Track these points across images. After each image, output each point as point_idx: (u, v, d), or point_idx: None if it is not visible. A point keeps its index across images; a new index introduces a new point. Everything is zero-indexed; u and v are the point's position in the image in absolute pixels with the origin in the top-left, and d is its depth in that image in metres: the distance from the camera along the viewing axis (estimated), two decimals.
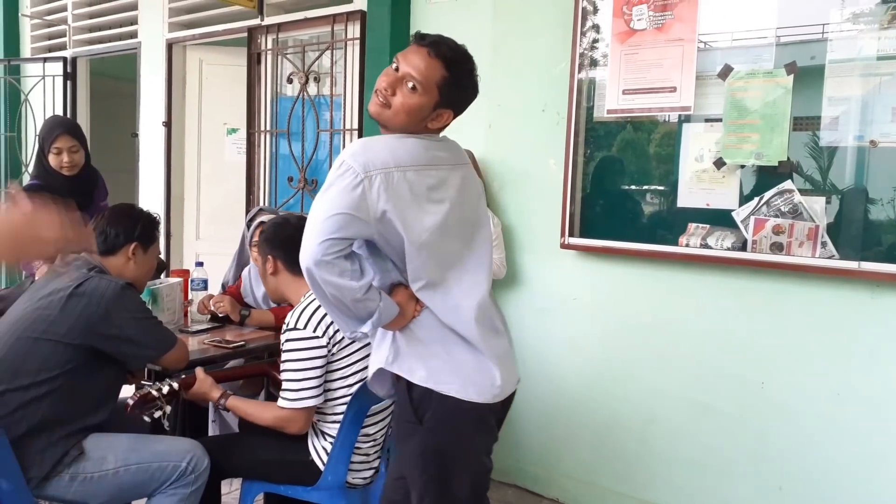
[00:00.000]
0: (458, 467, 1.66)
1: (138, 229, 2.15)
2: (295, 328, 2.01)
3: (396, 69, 1.60)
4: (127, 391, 2.13)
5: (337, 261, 1.51)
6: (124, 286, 2.01)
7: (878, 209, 2.24)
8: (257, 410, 2.11)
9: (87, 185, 3.19)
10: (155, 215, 2.27)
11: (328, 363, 2.04)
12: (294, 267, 2.14)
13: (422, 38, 1.62)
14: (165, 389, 2.02)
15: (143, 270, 2.19)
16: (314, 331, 2.00)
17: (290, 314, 2.05)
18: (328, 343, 2.02)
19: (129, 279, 2.09)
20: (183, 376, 2.11)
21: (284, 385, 2.03)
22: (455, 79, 1.61)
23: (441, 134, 1.72)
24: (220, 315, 2.73)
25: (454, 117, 1.67)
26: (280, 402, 2.03)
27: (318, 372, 2.01)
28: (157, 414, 2.01)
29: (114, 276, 2.06)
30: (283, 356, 2.04)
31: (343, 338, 2.03)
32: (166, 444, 2.05)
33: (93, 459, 1.93)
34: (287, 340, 2.02)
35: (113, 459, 1.93)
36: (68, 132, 3.08)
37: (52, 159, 3.05)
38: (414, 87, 1.57)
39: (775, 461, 2.49)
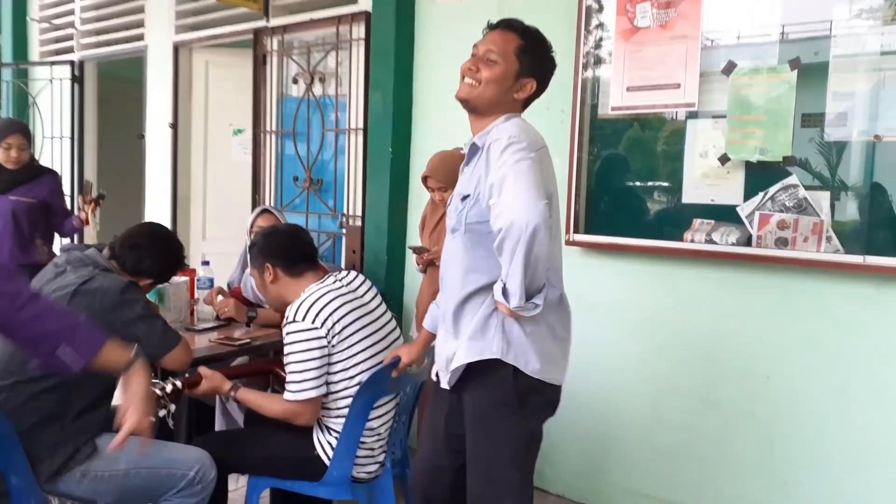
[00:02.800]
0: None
1: (162, 266, 2.18)
2: (294, 320, 2.04)
3: (475, 54, 1.73)
4: None
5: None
6: (129, 284, 2.03)
7: (883, 203, 2.24)
8: (267, 402, 2.14)
9: (25, 177, 3.63)
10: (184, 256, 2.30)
11: (329, 355, 2.06)
12: (293, 269, 2.18)
13: (491, 25, 1.78)
14: (169, 388, 2.03)
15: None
16: (312, 322, 2.03)
17: (289, 308, 2.08)
18: (327, 334, 2.04)
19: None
20: (186, 375, 2.12)
21: (288, 378, 2.05)
22: (530, 45, 1.74)
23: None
24: (223, 319, 2.74)
25: (538, 88, 1.77)
26: (285, 395, 2.05)
27: (317, 363, 2.04)
28: (162, 413, 2.02)
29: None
30: (285, 349, 2.07)
31: (343, 330, 2.06)
32: (177, 451, 2.07)
33: (105, 458, 1.94)
34: (287, 333, 2.06)
35: (125, 460, 1.94)
36: (21, 132, 3.62)
37: (0, 153, 3.52)
38: (495, 59, 1.69)
39: (781, 455, 2.49)
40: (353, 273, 2.28)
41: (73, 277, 1.99)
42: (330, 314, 2.05)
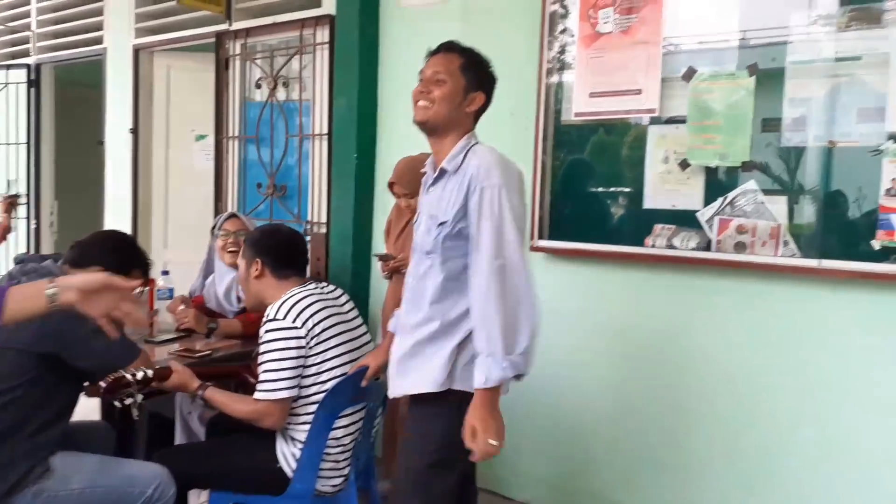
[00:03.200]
0: None
1: (112, 259, 2.06)
2: (275, 318, 2.05)
3: (422, 79, 1.86)
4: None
5: None
6: None
7: (838, 208, 2.28)
8: (235, 402, 2.12)
9: None
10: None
11: (304, 357, 2.05)
12: (281, 271, 2.20)
13: (430, 52, 1.90)
14: (140, 375, 2.01)
15: None
16: (293, 321, 2.03)
17: (270, 307, 2.08)
18: (306, 335, 2.04)
19: None
20: (157, 366, 2.09)
21: (261, 377, 2.04)
22: (471, 62, 1.86)
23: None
24: (183, 329, 2.69)
25: (486, 100, 1.89)
26: (256, 395, 2.04)
27: (293, 363, 2.03)
28: (129, 401, 2.00)
29: None
30: (262, 347, 2.06)
31: (321, 333, 2.07)
32: (135, 468, 2.03)
33: (59, 478, 1.89)
34: (266, 332, 2.05)
35: (79, 479, 1.90)
36: None
37: None
38: (443, 79, 1.82)
39: (745, 460, 2.52)
40: (333, 286, 2.30)
41: None
42: (311, 316, 2.06)
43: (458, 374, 1.75)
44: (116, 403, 1.99)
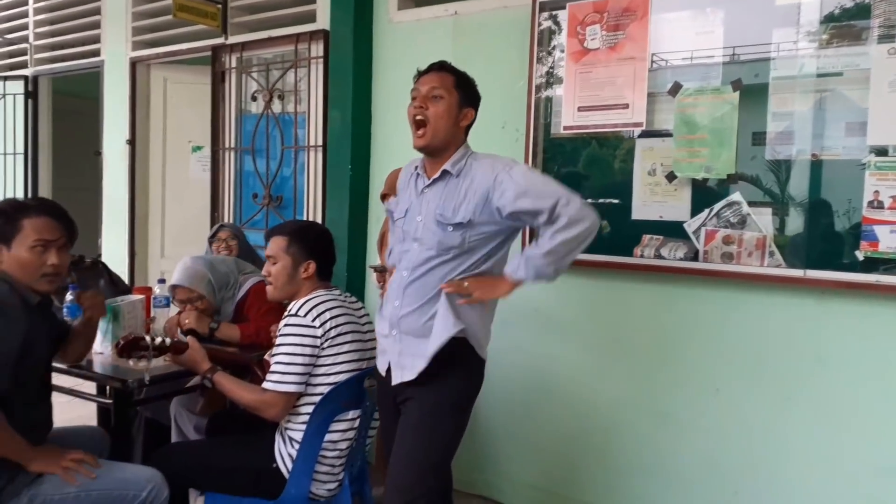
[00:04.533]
0: None
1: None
2: (296, 314, 2.12)
3: (415, 98, 1.96)
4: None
5: None
6: None
7: (822, 219, 2.33)
8: (242, 388, 2.17)
9: None
10: (24, 203, 2.02)
11: (317, 356, 2.11)
12: (325, 273, 2.28)
13: (420, 72, 2.00)
14: (158, 341, 2.09)
15: (14, 270, 1.94)
16: (313, 320, 2.10)
17: (293, 303, 2.16)
18: (322, 335, 2.10)
19: (12, 277, 1.95)
20: (177, 339, 2.17)
21: (273, 368, 2.09)
22: (462, 79, 2.00)
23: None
24: (185, 331, 2.72)
25: (475, 115, 2.02)
26: (265, 384, 2.09)
27: (306, 360, 2.09)
28: (142, 364, 2.09)
29: None
30: (278, 339, 2.12)
31: (337, 336, 2.13)
32: (129, 471, 2.05)
33: (52, 482, 1.91)
34: (285, 325, 2.12)
35: (73, 484, 1.91)
36: None
37: None
38: (439, 95, 1.93)
39: (731, 467, 2.56)
40: (356, 298, 2.38)
41: None
42: (330, 318, 2.13)
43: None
44: (130, 361, 2.06)
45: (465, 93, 1.98)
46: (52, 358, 2.17)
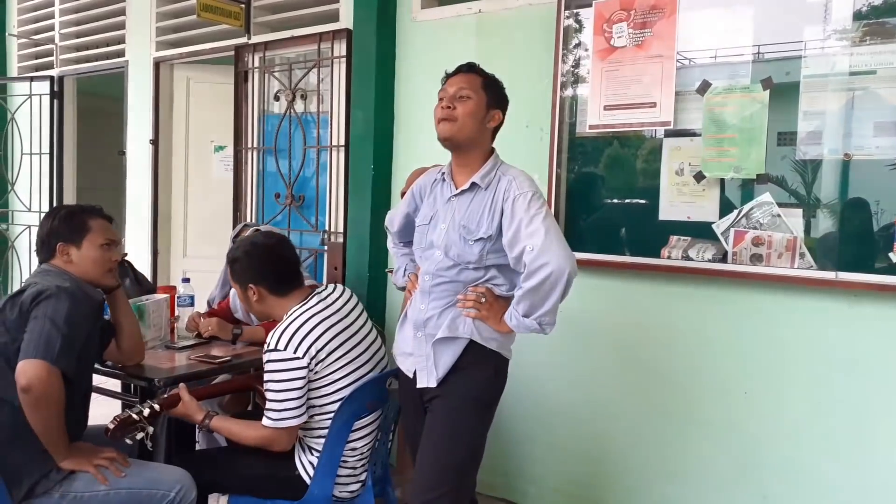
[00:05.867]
0: None
1: (57, 226, 2.11)
2: (275, 349, 2.02)
3: (442, 98, 1.94)
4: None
5: None
6: (64, 289, 1.94)
7: (854, 220, 2.29)
8: (242, 430, 2.12)
9: None
10: (87, 206, 2.19)
11: (310, 381, 2.06)
12: (278, 288, 2.15)
13: (449, 73, 1.99)
14: (146, 412, 2.01)
15: (84, 268, 2.10)
16: (294, 351, 2.01)
17: (270, 335, 2.06)
18: (309, 363, 2.02)
19: (81, 278, 2.07)
20: (165, 396, 2.10)
21: (267, 405, 2.04)
22: (491, 81, 1.99)
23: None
24: (207, 338, 2.73)
25: (502, 120, 2.01)
26: (264, 422, 2.05)
27: (298, 392, 2.03)
28: (140, 436, 2.01)
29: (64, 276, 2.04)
30: (265, 376, 2.05)
31: (326, 357, 2.06)
32: (158, 471, 2.06)
33: (84, 479, 1.93)
34: (267, 361, 2.04)
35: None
36: None
37: None
38: (467, 96, 1.92)
39: (759, 471, 2.52)
40: (338, 288, 2.24)
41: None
42: (312, 343, 2.03)
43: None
44: (128, 441, 1.99)
45: (493, 94, 1.97)
46: (101, 356, 2.25)
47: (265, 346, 2.06)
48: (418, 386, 1.97)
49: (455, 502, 1.90)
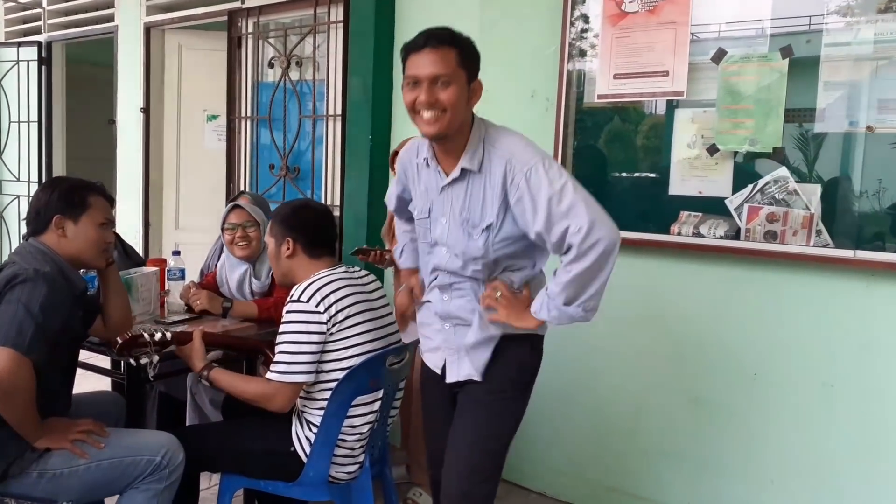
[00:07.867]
0: None
1: (56, 199, 1.98)
2: (298, 300, 1.99)
3: (415, 83, 1.63)
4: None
5: None
6: (43, 273, 1.83)
7: (874, 197, 2.20)
8: (241, 382, 2.08)
9: None
10: (89, 182, 2.08)
11: (325, 342, 2.00)
12: (313, 249, 2.13)
13: (413, 46, 1.66)
14: (157, 336, 2.00)
15: (78, 245, 1.99)
16: (317, 305, 1.98)
17: (296, 287, 2.03)
18: (328, 321, 1.98)
19: (69, 256, 1.97)
20: (180, 329, 2.06)
21: (277, 357, 1.99)
22: (465, 49, 1.66)
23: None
24: (197, 311, 2.64)
25: (482, 85, 1.73)
26: (269, 375, 1.99)
27: (313, 347, 1.98)
28: (144, 360, 1.98)
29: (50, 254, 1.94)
30: (281, 328, 2.01)
31: (345, 319, 2.02)
32: (140, 437, 1.99)
33: (62, 455, 1.85)
34: (288, 312, 2.01)
35: None
36: None
37: None
38: (447, 81, 1.61)
39: (767, 454, 2.46)
40: (366, 272, 2.24)
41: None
42: (335, 301, 2.00)
43: None
44: (132, 362, 1.97)
45: (471, 65, 1.68)
46: (86, 333, 2.14)
47: (289, 297, 2.03)
48: (448, 381, 1.87)
49: (496, 486, 1.85)
